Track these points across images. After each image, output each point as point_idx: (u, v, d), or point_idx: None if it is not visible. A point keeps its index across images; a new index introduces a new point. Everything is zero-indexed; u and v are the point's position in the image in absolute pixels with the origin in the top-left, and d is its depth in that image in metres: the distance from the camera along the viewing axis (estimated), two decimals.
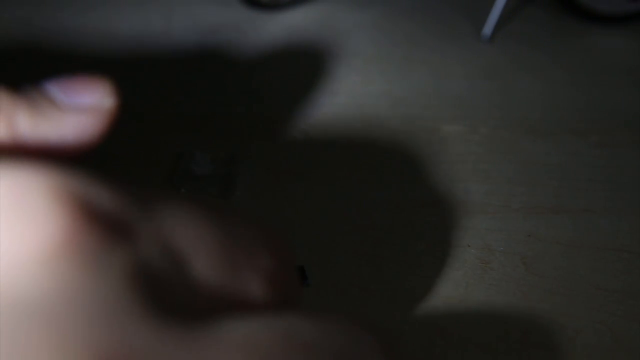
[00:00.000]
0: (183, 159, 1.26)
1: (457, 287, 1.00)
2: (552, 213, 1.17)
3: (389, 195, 1.21)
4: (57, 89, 0.33)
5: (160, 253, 0.21)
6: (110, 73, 1.51)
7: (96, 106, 0.31)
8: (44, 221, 0.19)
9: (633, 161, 1.31)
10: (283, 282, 0.27)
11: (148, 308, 0.19)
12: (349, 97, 1.58)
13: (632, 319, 0.93)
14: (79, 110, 0.30)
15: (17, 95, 0.30)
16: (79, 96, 0.30)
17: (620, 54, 1.80)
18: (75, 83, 0.31)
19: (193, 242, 0.23)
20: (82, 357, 0.16)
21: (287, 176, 1.28)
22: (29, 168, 0.21)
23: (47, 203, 0.19)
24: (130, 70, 1.64)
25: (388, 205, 1.18)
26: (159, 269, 0.21)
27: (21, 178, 0.20)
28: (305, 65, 1.74)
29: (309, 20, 2.05)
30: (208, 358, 0.20)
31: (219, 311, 0.22)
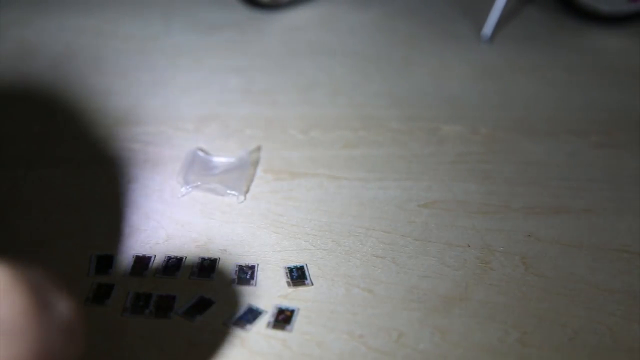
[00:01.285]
0: (187, 157, 1.26)
1: (457, 287, 1.00)
2: (552, 213, 1.17)
3: (389, 195, 1.22)
4: None
5: None
6: (110, 73, 1.52)
7: None
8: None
9: (633, 161, 1.31)
10: None
11: None
12: (349, 97, 1.58)
13: (632, 319, 0.93)
14: None
15: None
16: None
17: (620, 54, 1.80)
18: None
19: None
20: None
21: (287, 176, 1.28)
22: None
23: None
24: (130, 70, 1.64)
25: (388, 205, 1.18)
26: None
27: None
28: (305, 65, 1.74)
29: (309, 20, 2.05)
30: None
31: None
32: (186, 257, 1.01)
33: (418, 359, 0.85)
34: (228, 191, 1.14)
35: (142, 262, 1.00)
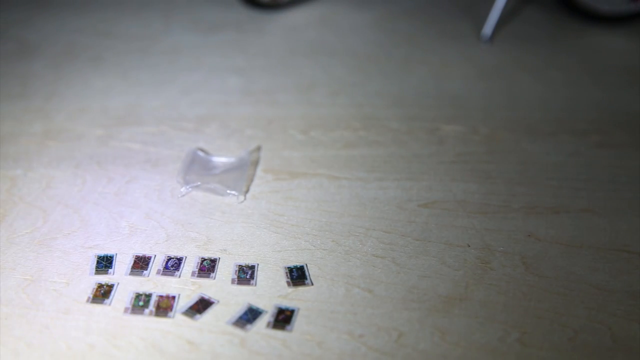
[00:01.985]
0: (187, 157, 1.26)
1: (457, 287, 1.00)
2: (552, 213, 1.17)
3: (389, 195, 1.22)
4: None
5: None
6: (110, 73, 1.52)
7: None
8: None
9: (633, 161, 1.31)
10: None
11: None
12: (349, 97, 1.58)
13: (632, 319, 0.93)
14: None
15: None
16: None
17: (620, 54, 1.80)
18: None
19: None
20: None
21: (287, 176, 1.28)
22: None
23: None
24: (130, 70, 1.64)
25: (388, 205, 1.18)
26: None
27: None
28: (305, 65, 1.74)
29: (309, 20, 2.05)
30: None
31: None
32: (186, 257, 1.01)
33: (418, 359, 0.85)
34: (228, 191, 1.14)
35: (142, 262, 1.00)
